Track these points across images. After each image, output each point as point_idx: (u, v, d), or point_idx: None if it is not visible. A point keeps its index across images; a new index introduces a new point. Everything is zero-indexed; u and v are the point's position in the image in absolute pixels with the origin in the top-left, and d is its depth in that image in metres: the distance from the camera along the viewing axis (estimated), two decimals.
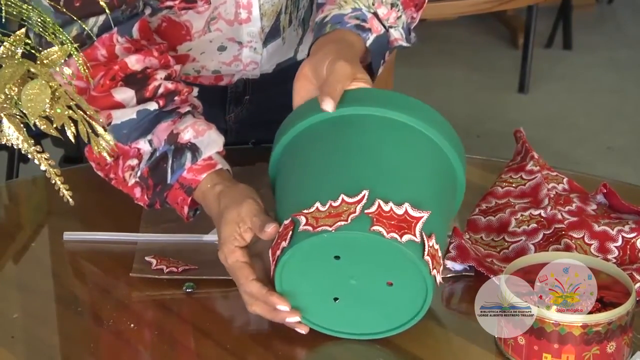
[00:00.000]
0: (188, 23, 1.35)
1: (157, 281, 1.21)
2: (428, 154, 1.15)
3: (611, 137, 3.40)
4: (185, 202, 1.22)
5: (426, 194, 1.10)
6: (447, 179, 1.17)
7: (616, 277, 1.10)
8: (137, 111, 1.24)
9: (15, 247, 1.32)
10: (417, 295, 1.08)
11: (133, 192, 1.25)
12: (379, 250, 1.06)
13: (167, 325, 1.15)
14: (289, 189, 1.15)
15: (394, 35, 1.30)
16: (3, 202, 1.51)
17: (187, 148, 1.23)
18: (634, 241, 1.24)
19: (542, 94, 3.70)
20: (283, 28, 1.40)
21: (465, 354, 1.10)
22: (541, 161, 1.39)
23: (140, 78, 1.25)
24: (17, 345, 1.13)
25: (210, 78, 1.46)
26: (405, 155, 1.14)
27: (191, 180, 1.21)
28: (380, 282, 1.08)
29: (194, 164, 1.22)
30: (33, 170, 1.37)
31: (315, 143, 1.16)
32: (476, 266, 1.20)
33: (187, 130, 1.24)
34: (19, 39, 0.84)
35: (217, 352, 1.12)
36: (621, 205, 1.31)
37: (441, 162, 1.16)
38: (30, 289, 1.24)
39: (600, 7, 4.49)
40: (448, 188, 1.17)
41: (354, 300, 1.10)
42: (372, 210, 1.05)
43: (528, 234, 1.26)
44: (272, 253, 1.09)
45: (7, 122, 0.84)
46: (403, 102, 1.16)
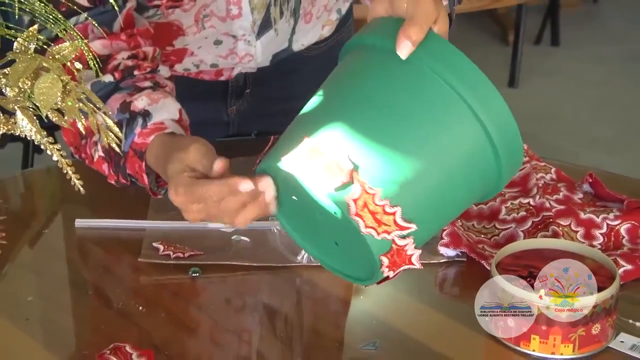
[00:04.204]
0: (177, 22, 1.34)
1: (164, 266, 1.21)
2: (461, 135, 0.98)
3: (596, 129, 3.40)
4: (141, 169, 1.18)
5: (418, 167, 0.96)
6: (473, 169, 1.00)
7: (601, 263, 1.10)
8: (91, 83, 1.19)
9: (30, 233, 1.32)
10: (359, 244, 0.97)
11: (102, 169, 1.23)
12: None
13: (174, 307, 1.15)
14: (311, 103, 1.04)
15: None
16: (19, 190, 1.51)
17: (140, 115, 1.18)
18: (618, 228, 1.24)
19: (531, 88, 3.70)
20: (274, 20, 1.39)
21: (457, 336, 1.10)
22: (530, 152, 1.40)
23: (103, 59, 1.22)
24: (32, 326, 1.13)
25: (211, 73, 1.45)
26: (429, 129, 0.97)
27: (141, 144, 1.17)
28: (341, 227, 0.98)
29: (144, 128, 1.17)
30: (47, 161, 1.36)
31: (356, 73, 1.02)
32: (468, 252, 1.20)
33: (142, 98, 1.19)
34: (32, 35, 0.84)
35: (221, 333, 1.12)
36: (606, 194, 1.31)
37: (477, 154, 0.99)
38: (43, 273, 1.24)
39: (586, 6, 4.49)
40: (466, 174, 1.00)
41: (331, 236, 1.02)
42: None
43: (517, 222, 1.26)
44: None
45: (21, 115, 0.84)
46: (469, 74, 0.98)
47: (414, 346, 1.08)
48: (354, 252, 1.00)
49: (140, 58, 1.26)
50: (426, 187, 0.97)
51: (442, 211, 1.00)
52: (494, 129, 0.97)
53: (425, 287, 1.18)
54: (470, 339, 1.09)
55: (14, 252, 1.26)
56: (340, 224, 0.96)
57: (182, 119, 1.21)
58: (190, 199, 1.05)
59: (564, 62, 3.93)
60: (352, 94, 1.00)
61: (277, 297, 1.19)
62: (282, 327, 1.15)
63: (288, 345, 1.11)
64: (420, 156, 0.96)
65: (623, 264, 1.16)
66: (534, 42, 4.07)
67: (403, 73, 0.98)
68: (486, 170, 0.99)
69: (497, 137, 0.97)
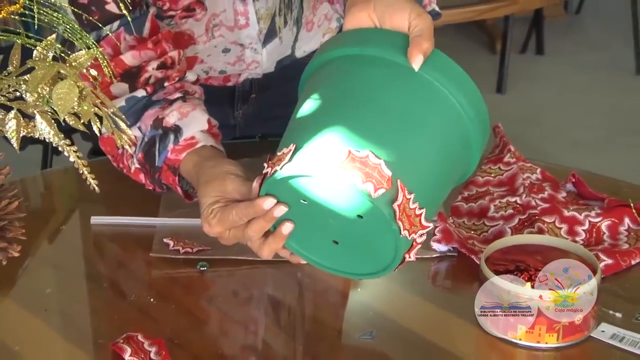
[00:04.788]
0: (189, 31, 1.34)
1: (174, 260, 1.20)
2: (440, 111, 1.00)
3: (578, 133, 3.40)
4: (175, 182, 1.19)
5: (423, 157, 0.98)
6: (455, 144, 1.02)
7: (584, 257, 1.10)
8: (125, 99, 1.21)
9: (49, 230, 1.32)
10: (388, 245, 0.97)
11: (139, 178, 1.23)
12: (345, 196, 0.95)
13: (183, 299, 1.14)
14: (297, 113, 1.04)
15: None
16: (39, 189, 1.50)
17: (172, 131, 1.19)
18: (599, 225, 1.24)
19: (517, 94, 3.70)
20: (279, 29, 1.39)
21: (449, 326, 1.09)
22: (517, 153, 1.39)
23: (135, 72, 1.23)
24: (50, 317, 1.13)
25: (219, 79, 1.45)
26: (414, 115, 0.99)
27: (174, 160, 1.18)
28: (355, 226, 0.98)
29: (176, 144, 1.18)
30: (65, 162, 1.36)
31: (330, 80, 1.03)
32: (459, 247, 1.20)
33: (173, 114, 1.20)
34: (50, 44, 0.84)
35: (228, 323, 1.11)
36: (588, 193, 1.31)
37: (454, 126, 1.01)
38: (61, 267, 1.24)
39: (569, 17, 4.49)
40: (452, 155, 1.02)
41: (337, 238, 1.02)
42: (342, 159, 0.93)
43: (505, 219, 1.25)
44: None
45: (40, 119, 0.84)
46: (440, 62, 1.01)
47: (408, 335, 1.08)
48: (364, 250, 1.00)
49: (169, 65, 1.26)
50: (433, 176, 0.99)
51: (441, 194, 1.03)
52: (466, 103, 1.00)
53: (418, 280, 1.18)
54: (460, 329, 1.09)
55: (34, 247, 1.26)
56: (356, 228, 0.97)
57: (211, 127, 1.22)
58: (224, 227, 1.06)
59: (548, 70, 3.92)
60: (364, 103, 0.99)
61: (280, 290, 1.19)
62: (285, 317, 1.15)
63: (291, 334, 1.11)
64: (427, 150, 0.98)
65: (604, 259, 1.16)
66: (520, 51, 4.06)
67: (414, 84, 0.99)
68: (465, 142, 1.01)
69: (470, 110, 1.00)
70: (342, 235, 1.01)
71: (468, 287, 1.14)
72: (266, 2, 1.34)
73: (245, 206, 1.03)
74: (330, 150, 0.95)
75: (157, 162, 1.19)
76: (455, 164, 1.03)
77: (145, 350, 1.03)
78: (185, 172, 1.18)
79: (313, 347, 1.07)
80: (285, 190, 0.98)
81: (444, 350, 1.05)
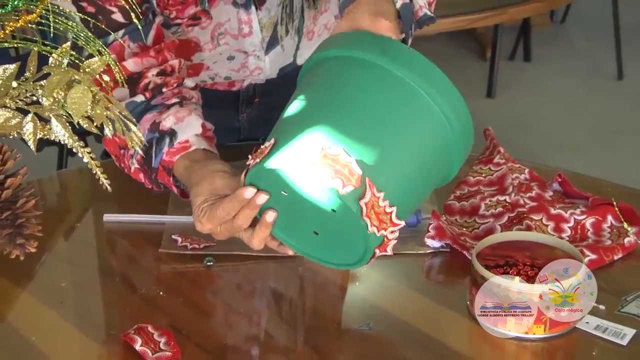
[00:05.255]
0: (195, 39, 1.34)
1: (182, 256, 1.20)
2: (420, 116, 1.00)
3: (564, 135, 3.40)
4: (170, 182, 1.20)
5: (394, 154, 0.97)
6: (434, 149, 1.01)
7: (569, 253, 1.09)
8: (126, 103, 1.21)
9: (64, 227, 1.32)
10: (356, 238, 0.97)
11: (139, 177, 1.24)
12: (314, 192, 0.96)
13: (191, 293, 1.14)
14: (287, 110, 1.05)
15: (418, 3, 1.18)
16: (54, 189, 1.50)
17: (167, 134, 1.20)
18: (583, 222, 1.23)
19: (506, 99, 3.70)
20: (281, 37, 1.39)
21: (442, 317, 1.09)
22: (506, 155, 1.39)
23: (135, 78, 1.23)
24: (65, 309, 1.12)
25: (224, 84, 1.45)
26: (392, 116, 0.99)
27: (169, 162, 1.19)
28: (330, 220, 0.98)
29: (171, 147, 1.19)
30: (79, 162, 1.35)
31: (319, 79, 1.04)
32: (451, 243, 1.20)
33: (169, 118, 1.21)
34: (65, 51, 0.84)
35: (232, 315, 1.11)
36: (573, 192, 1.31)
37: (434, 129, 1.00)
38: (76, 262, 1.24)
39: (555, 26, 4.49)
40: (431, 156, 1.02)
41: (317, 229, 1.02)
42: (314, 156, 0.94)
43: (495, 217, 1.25)
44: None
45: (56, 122, 0.84)
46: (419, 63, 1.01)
47: (403, 327, 1.07)
48: (340, 242, 1.01)
49: (168, 72, 1.26)
50: (408, 177, 0.99)
51: (418, 194, 1.03)
52: (450, 111, 0.99)
53: (413, 275, 1.18)
54: (453, 320, 1.08)
55: (49, 243, 1.25)
56: (331, 220, 0.97)
57: (205, 130, 1.22)
58: (214, 224, 1.07)
59: (535, 76, 3.92)
60: (343, 103, 0.99)
61: (282, 283, 1.19)
62: (287, 309, 1.15)
63: (292, 325, 1.11)
64: (402, 152, 0.98)
65: (588, 254, 1.16)
66: (509, 58, 4.06)
67: (375, 77, 0.99)
68: (446, 147, 1.01)
69: (453, 117, 1.00)
70: (320, 226, 1.01)
71: (460, 281, 1.14)
72: (269, 11, 1.34)
73: (229, 200, 1.04)
74: (306, 146, 0.95)
75: (153, 163, 1.20)
76: (433, 167, 1.02)
77: (155, 340, 1.03)
78: (178, 174, 1.19)
79: (313, 338, 1.07)
80: (267, 181, 1.00)
81: (437, 341, 1.05)
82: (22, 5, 0.83)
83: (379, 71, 0.99)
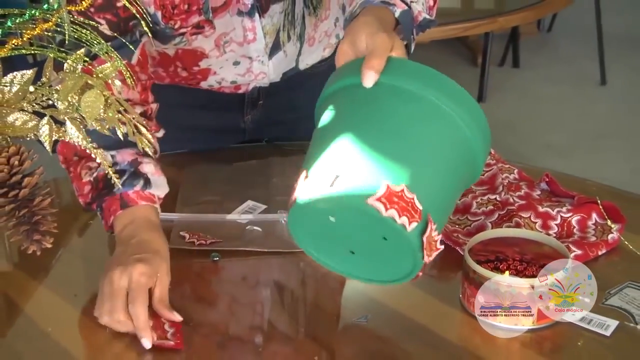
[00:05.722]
0: (200, 48, 1.33)
1: (189, 251, 1.20)
2: (448, 135, 0.96)
3: (551, 137, 3.40)
4: (115, 212, 1.15)
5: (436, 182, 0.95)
6: (462, 164, 0.99)
7: (556, 248, 1.09)
8: (103, 136, 1.17)
9: (79, 224, 1.31)
10: (406, 263, 0.97)
11: (82, 188, 1.19)
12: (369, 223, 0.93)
13: (198, 286, 1.14)
14: (316, 140, 0.99)
15: (417, 8, 1.17)
16: (69, 188, 1.49)
17: (143, 178, 1.17)
18: (569, 219, 1.23)
19: (496, 102, 3.69)
20: (283, 43, 1.39)
21: (436, 311, 1.09)
22: (496, 156, 1.39)
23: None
24: (79, 301, 1.12)
25: (231, 87, 1.45)
26: (421, 137, 0.95)
27: (131, 200, 1.15)
28: (376, 243, 0.96)
29: (143, 191, 1.16)
30: None
31: (342, 108, 0.99)
32: (445, 239, 1.19)
33: (149, 165, 1.18)
34: (79, 58, 0.84)
35: (237, 306, 1.11)
36: (560, 191, 1.31)
37: (461, 146, 0.97)
38: (89, 257, 1.24)
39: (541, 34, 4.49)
40: (461, 173, 1.00)
41: (355, 250, 1.00)
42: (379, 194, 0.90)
43: (486, 214, 1.25)
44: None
45: (70, 124, 0.83)
46: (432, 78, 0.97)
47: (399, 319, 1.07)
48: (382, 260, 0.99)
49: (148, 115, 1.24)
50: (451, 200, 0.99)
51: (451, 210, 1.02)
52: (476, 128, 0.97)
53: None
54: (447, 313, 1.08)
55: (65, 239, 1.25)
56: (379, 244, 0.95)
57: (162, 200, 1.19)
58: (131, 293, 1.03)
59: (524, 81, 3.92)
60: (391, 135, 0.95)
61: (284, 277, 1.18)
62: (288, 301, 1.14)
63: (294, 317, 1.11)
64: (443, 176, 0.96)
65: (574, 250, 1.15)
66: (499, 64, 4.06)
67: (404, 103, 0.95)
68: (472, 159, 0.99)
69: (477, 131, 0.98)
70: (360, 247, 0.99)
71: (453, 275, 1.13)
72: (271, 18, 1.34)
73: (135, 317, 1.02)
74: (369, 181, 0.91)
75: (115, 189, 1.15)
76: (463, 181, 1.01)
77: (165, 329, 1.03)
78: (130, 213, 1.14)
79: (313, 329, 1.07)
80: (318, 210, 0.95)
81: (430, 331, 1.05)
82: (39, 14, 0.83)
83: (424, 103, 0.95)
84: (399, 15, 1.12)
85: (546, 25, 4.55)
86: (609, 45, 3.88)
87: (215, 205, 1.30)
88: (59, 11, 0.83)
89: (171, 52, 1.34)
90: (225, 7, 1.28)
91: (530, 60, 4.10)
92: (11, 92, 0.83)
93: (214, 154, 1.46)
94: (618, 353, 1.00)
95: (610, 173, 2.99)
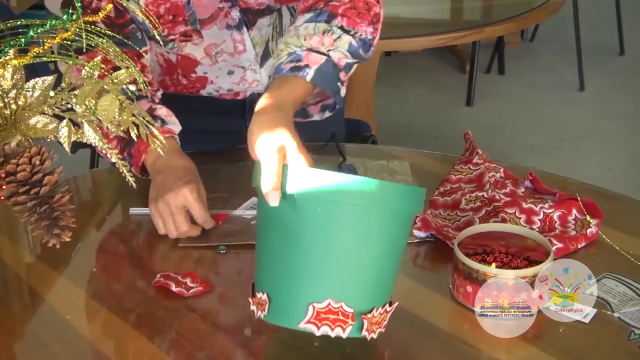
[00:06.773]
0: (192, 55, 1.34)
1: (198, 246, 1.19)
2: (361, 225, 0.89)
3: (532, 139, 3.39)
4: (145, 150, 1.23)
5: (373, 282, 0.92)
6: (388, 234, 0.92)
7: (539, 242, 1.09)
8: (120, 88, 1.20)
9: (96, 219, 1.31)
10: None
11: (109, 140, 1.24)
12: None
13: (206, 276, 1.13)
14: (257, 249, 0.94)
15: (335, 56, 1.14)
16: (87, 186, 1.50)
17: (159, 119, 1.25)
18: (551, 215, 1.23)
19: (483, 107, 3.69)
20: (272, 51, 1.38)
21: (428, 300, 1.09)
22: (484, 156, 1.38)
23: None
24: (96, 291, 1.12)
25: (229, 94, 1.44)
26: (350, 245, 0.89)
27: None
28: None
29: (162, 127, 1.24)
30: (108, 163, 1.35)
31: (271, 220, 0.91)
32: (436, 234, 1.19)
33: (162, 109, 1.27)
34: (96, 64, 0.83)
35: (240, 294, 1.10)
36: (542, 189, 1.30)
37: (379, 223, 0.90)
38: (105, 250, 1.24)
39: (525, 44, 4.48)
40: (393, 239, 0.93)
41: None
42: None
43: (474, 210, 1.25)
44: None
45: (87, 126, 0.83)
46: (324, 179, 0.87)
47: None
48: None
49: (147, 73, 1.30)
50: (376, 273, 0.93)
51: (392, 270, 0.96)
52: (374, 198, 0.88)
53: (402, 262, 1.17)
54: (438, 302, 1.08)
55: (83, 234, 1.25)
56: None
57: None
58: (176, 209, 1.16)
59: (509, 87, 3.91)
60: (311, 247, 0.89)
61: None
62: None
63: None
64: (359, 263, 0.91)
65: (556, 243, 1.15)
66: (485, 72, 4.05)
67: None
68: (393, 222, 0.91)
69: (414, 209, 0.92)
70: None
71: (443, 267, 1.13)
72: (259, 30, 1.34)
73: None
74: (296, 306, 0.89)
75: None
76: (400, 238, 0.94)
77: (181, 281, 1.07)
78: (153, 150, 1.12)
79: None
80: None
81: (421, 318, 1.04)
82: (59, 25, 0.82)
83: (328, 207, 0.87)
84: (312, 78, 1.09)
85: (529, 36, 4.54)
86: (587, 54, 3.88)
87: (222, 201, 1.29)
88: (77, 22, 0.82)
89: (173, 57, 1.34)
90: (212, 20, 1.28)
91: (515, 67, 4.09)
92: (33, 97, 0.83)
93: (220, 154, 1.46)
94: (596, 339, 1.00)
95: (589, 172, 2.98)
